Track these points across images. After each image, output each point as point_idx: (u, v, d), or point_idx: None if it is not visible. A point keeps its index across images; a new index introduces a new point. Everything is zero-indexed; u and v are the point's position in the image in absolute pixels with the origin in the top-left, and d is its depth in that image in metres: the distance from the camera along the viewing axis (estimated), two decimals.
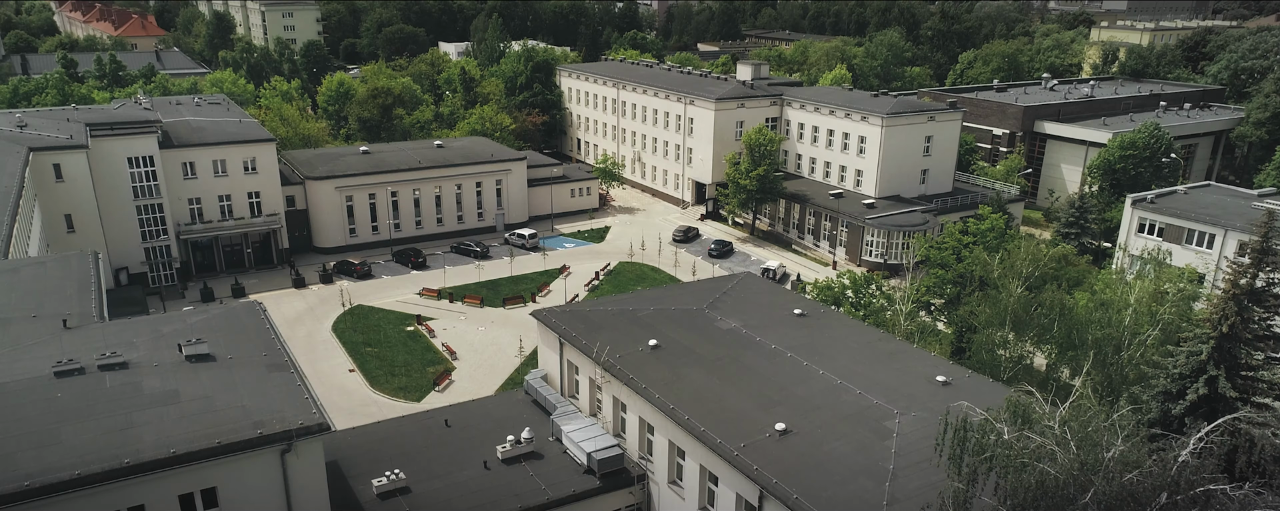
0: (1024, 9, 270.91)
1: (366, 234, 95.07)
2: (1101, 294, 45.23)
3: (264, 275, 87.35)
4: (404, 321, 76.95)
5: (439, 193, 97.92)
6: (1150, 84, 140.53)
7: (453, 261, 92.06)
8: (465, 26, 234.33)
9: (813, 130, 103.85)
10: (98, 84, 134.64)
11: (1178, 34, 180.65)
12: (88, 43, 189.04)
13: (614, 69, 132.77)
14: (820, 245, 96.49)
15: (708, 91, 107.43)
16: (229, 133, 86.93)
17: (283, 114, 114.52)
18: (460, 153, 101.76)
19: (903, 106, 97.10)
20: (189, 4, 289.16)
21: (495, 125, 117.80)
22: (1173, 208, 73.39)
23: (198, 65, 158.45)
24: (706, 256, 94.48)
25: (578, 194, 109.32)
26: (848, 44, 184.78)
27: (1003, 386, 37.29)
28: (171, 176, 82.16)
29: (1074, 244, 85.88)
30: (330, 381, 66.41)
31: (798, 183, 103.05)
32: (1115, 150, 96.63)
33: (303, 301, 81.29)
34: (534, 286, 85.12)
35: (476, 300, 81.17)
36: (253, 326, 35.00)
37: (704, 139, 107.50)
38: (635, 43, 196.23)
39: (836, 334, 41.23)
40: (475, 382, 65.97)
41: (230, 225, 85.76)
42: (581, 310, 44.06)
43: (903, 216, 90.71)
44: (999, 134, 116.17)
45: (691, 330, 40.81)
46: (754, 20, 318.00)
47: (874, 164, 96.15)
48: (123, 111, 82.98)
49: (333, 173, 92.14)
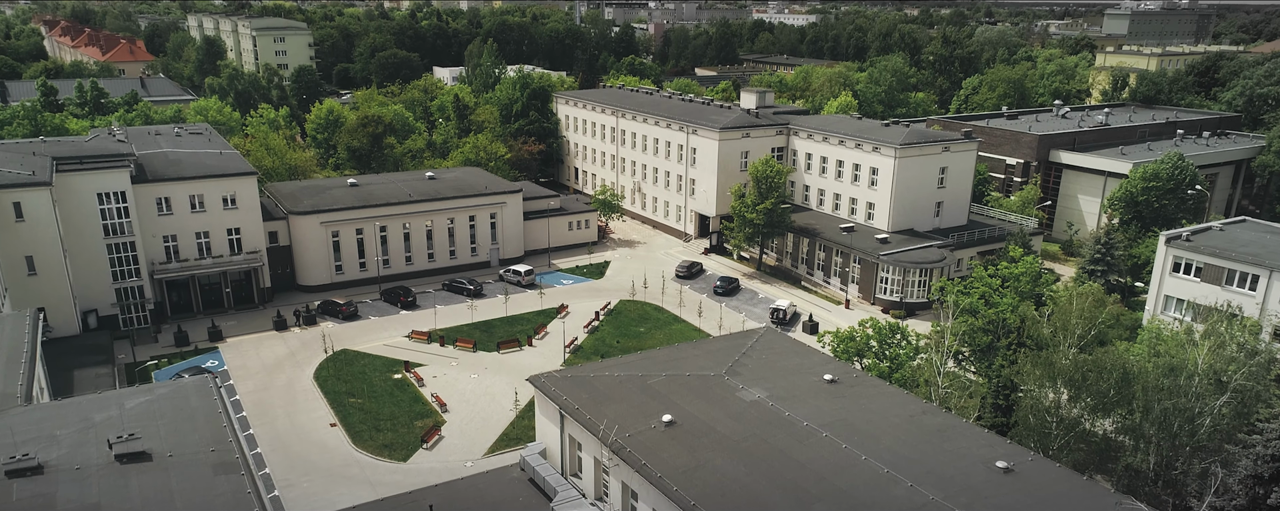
0: (1025, 33, 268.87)
1: (353, 271, 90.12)
2: (1167, 356, 40.44)
3: (243, 316, 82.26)
4: (391, 368, 71.89)
5: (430, 227, 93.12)
6: (1164, 111, 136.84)
7: (444, 300, 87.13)
8: (460, 51, 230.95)
9: (821, 161, 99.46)
10: (78, 112, 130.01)
11: (1186, 59, 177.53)
12: (73, 68, 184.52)
13: (613, 96, 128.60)
14: (831, 282, 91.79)
15: (711, 120, 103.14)
16: (208, 166, 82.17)
17: (269, 143, 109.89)
18: (453, 185, 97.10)
19: (916, 136, 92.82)
20: (180, 28, 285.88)
21: (490, 154, 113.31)
22: (1211, 246, 68.83)
23: (184, 92, 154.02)
24: (712, 294, 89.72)
25: (576, 227, 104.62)
26: (850, 69, 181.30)
27: (1069, 472, 32.39)
28: (145, 212, 77.30)
29: (1100, 281, 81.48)
30: (310, 437, 61.29)
31: (806, 215, 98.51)
32: (1138, 182, 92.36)
33: (283, 345, 76.18)
34: (530, 328, 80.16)
35: (469, 344, 76.16)
36: (202, 412, 29.97)
37: (707, 169, 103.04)
38: (633, 68, 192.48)
39: (874, 405, 36.36)
40: (466, 439, 60.85)
41: (208, 264, 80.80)
42: (584, 376, 39.09)
43: (919, 252, 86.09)
44: (1013, 163, 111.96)
45: (710, 402, 35.91)
46: (751, 45, 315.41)
47: (887, 196, 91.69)
48: (94, 144, 78.24)
49: (318, 207, 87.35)
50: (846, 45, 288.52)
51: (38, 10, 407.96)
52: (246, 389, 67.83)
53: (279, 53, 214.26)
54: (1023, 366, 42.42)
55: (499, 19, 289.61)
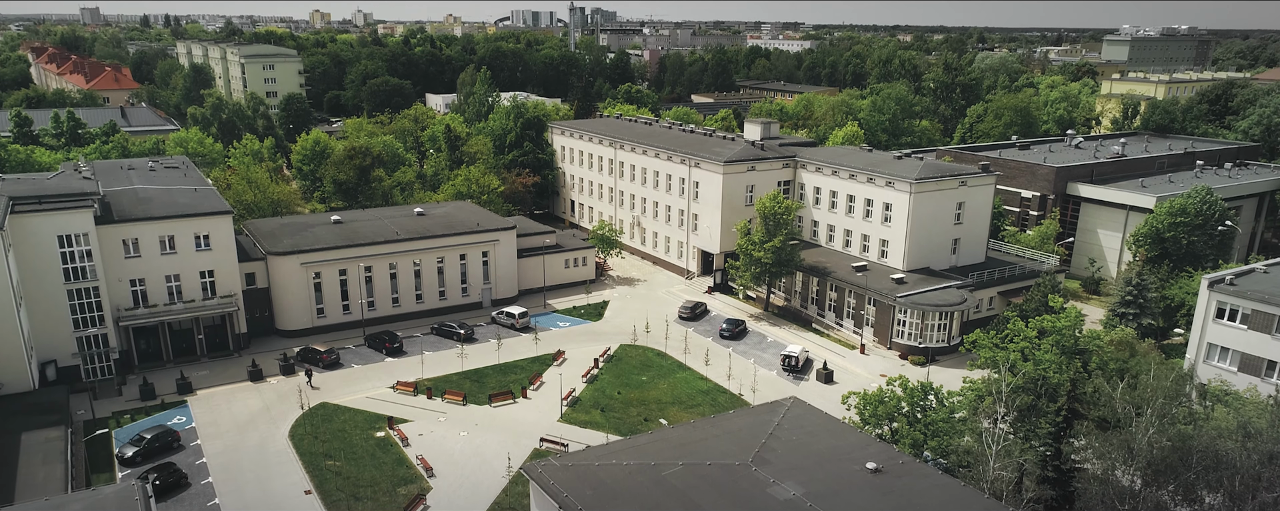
0: (1025, 59, 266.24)
1: (336, 314, 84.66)
2: (1259, 436, 35.32)
3: (217, 365, 76.61)
4: (374, 424, 66.28)
5: (419, 267, 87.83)
6: (1180, 140, 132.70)
7: (433, 345, 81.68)
8: (453, 78, 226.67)
9: (831, 195, 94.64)
10: (54, 143, 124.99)
11: (1195, 86, 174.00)
12: (55, 97, 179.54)
13: (610, 126, 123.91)
14: (844, 324, 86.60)
15: (715, 153, 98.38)
16: (180, 204, 76.91)
17: (251, 176, 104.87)
18: (443, 221, 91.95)
19: (932, 170, 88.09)
20: (168, 55, 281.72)
21: (482, 187, 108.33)
22: (1258, 291, 63.96)
23: (166, 122, 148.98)
24: (718, 338, 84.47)
25: (573, 264, 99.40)
26: (853, 97, 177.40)
27: None
28: (111, 255, 71.87)
29: (1132, 325, 76.55)
30: (282, 507, 55.57)
31: (815, 252, 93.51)
32: (1165, 217, 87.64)
33: (258, 398, 70.51)
34: (525, 377, 74.68)
35: (458, 396, 70.60)
36: None
37: (711, 204, 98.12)
38: (630, 96, 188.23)
39: (927, 500, 31.02)
40: (454, 510, 55.20)
41: (179, 309, 75.25)
42: (589, 465, 33.65)
43: (938, 294, 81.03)
44: (1028, 197, 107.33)
45: (737, 502, 30.57)
46: (748, 71, 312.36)
47: (902, 234, 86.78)
48: (57, 181, 72.96)
49: (298, 246, 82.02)
50: (845, 72, 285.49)
51: (28, 37, 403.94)
52: (215, 449, 62.14)
53: (268, 80, 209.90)
54: (1090, 443, 37.19)
55: (493, 45, 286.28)
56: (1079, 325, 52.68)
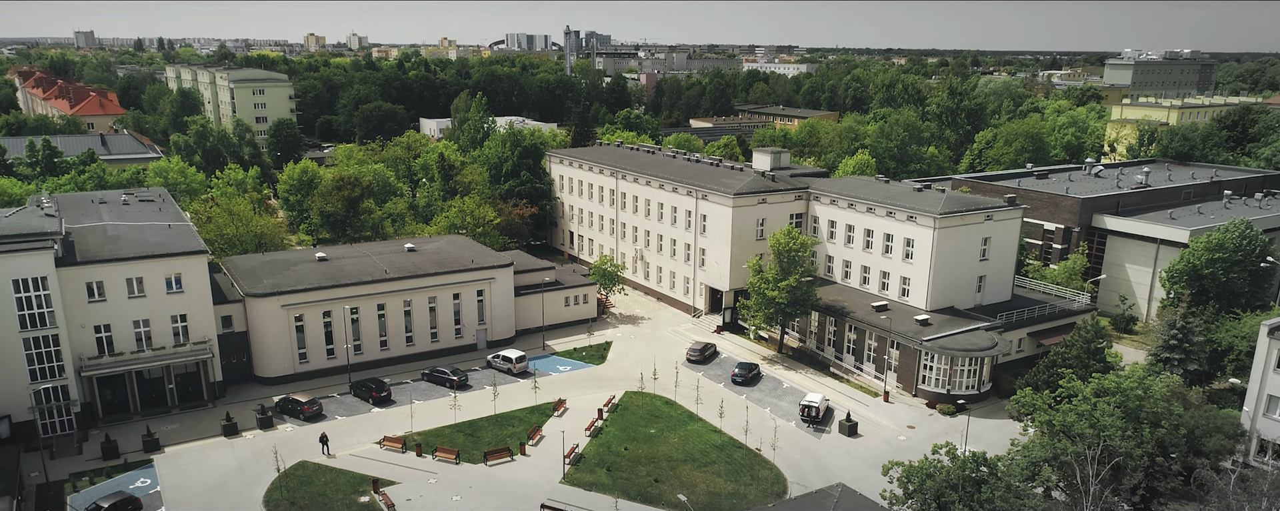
0: (1029, 83, 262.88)
1: (320, 359, 78.76)
2: None
3: (189, 418, 70.54)
4: (357, 486, 60.27)
5: (409, 307, 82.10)
6: (1203, 168, 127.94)
7: (423, 393, 75.80)
8: (447, 102, 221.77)
9: (847, 229, 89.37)
10: (29, 172, 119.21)
11: (1208, 111, 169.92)
12: (36, 123, 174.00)
13: (611, 155, 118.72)
14: (864, 368, 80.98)
15: (723, 184, 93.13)
16: (150, 243, 71.17)
17: (234, 208, 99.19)
18: (435, 259, 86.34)
19: (956, 204, 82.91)
20: (157, 80, 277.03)
21: (477, 219, 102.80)
22: None
23: (149, 149, 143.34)
24: (730, 383, 78.80)
25: (573, 302, 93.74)
26: (859, 122, 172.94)
27: None
28: (73, 300, 66.00)
29: (1177, 371, 71.06)
30: None
31: (831, 290, 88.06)
32: (1202, 253, 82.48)
33: (232, 456, 64.45)
34: (523, 430, 68.77)
35: (451, 453, 64.63)
36: None
37: (720, 239, 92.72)
38: (629, 123, 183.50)
39: None
40: None
41: (148, 357, 69.27)
42: None
43: (966, 337, 75.51)
44: (1052, 230, 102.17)
45: None
46: (746, 95, 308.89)
47: (925, 271, 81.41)
48: (14, 220, 67.21)
49: (279, 287, 76.26)
50: (845, 96, 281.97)
51: (18, 61, 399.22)
52: None
53: (258, 105, 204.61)
54: None
55: (488, 69, 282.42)
56: (1144, 385, 47.16)
